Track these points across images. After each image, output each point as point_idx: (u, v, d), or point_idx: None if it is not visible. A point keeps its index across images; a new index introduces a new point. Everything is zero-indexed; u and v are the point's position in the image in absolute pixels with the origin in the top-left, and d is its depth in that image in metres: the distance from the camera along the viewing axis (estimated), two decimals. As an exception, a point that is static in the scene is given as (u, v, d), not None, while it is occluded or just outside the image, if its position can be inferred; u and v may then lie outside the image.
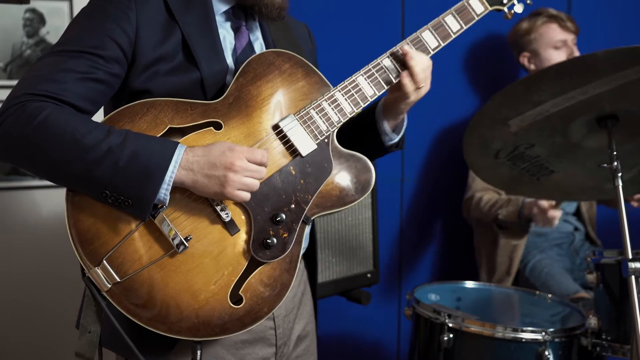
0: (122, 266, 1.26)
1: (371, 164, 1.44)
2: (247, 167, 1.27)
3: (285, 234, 1.35)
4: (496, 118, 1.82)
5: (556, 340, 1.90)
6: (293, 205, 1.36)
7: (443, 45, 1.51)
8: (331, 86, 1.43)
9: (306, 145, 1.38)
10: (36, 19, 2.43)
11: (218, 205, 1.30)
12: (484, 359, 1.96)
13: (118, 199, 1.23)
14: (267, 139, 1.36)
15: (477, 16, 1.55)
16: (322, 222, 2.31)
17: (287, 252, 1.35)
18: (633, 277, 1.69)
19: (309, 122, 1.39)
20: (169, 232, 1.27)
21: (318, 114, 1.40)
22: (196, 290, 1.28)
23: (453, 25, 1.52)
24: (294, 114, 1.39)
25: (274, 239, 1.33)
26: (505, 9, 1.62)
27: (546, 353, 1.86)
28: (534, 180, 2.02)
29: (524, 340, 1.89)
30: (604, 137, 1.80)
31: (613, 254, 1.92)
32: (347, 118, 1.42)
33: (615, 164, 1.75)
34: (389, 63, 1.46)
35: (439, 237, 3.08)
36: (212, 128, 1.33)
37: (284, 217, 1.34)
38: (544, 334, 1.87)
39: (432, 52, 1.51)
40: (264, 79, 1.38)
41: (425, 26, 1.51)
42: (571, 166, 1.97)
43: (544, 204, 2.37)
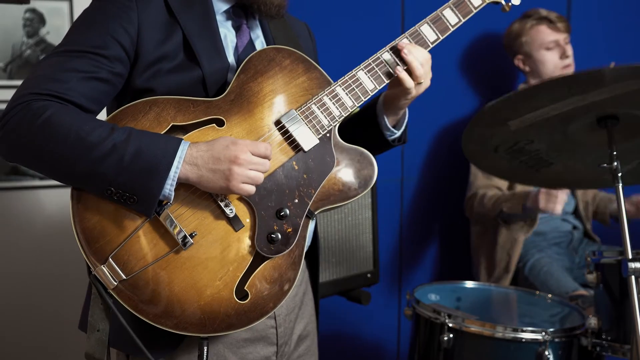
0: (128, 263, 1.26)
1: (373, 158, 1.45)
2: (251, 160, 1.27)
3: (289, 229, 1.35)
4: (496, 119, 1.82)
5: (556, 340, 1.90)
6: (297, 200, 1.36)
7: (442, 38, 1.52)
8: (332, 81, 1.44)
9: (308, 140, 1.38)
10: (36, 19, 2.43)
11: (222, 201, 1.31)
12: (483, 359, 1.96)
13: (123, 195, 1.24)
14: (269, 134, 1.37)
15: (475, 9, 1.55)
16: (322, 222, 2.31)
17: (291, 247, 1.35)
18: (633, 277, 1.69)
19: (310, 117, 1.40)
20: (174, 229, 1.27)
21: (319, 109, 1.41)
22: (202, 286, 1.29)
23: (451, 18, 1.53)
24: (296, 109, 1.40)
25: (278, 234, 1.34)
26: (503, 2, 1.61)
27: (546, 353, 1.86)
28: (533, 171, 2.03)
29: (523, 340, 1.89)
30: (603, 135, 1.80)
31: (613, 254, 1.92)
32: (349, 112, 1.43)
33: (615, 164, 1.75)
34: (388, 57, 1.47)
35: (439, 237, 3.08)
36: (214, 125, 1.34)
37: (287, 212, 1.35)
38: (544, 334, 1.87)
39: (431, 46, 1.51)
40: (265, 75, 1.39)
41: (423, 20, 1.51)
42: (570, 159, 1.97)
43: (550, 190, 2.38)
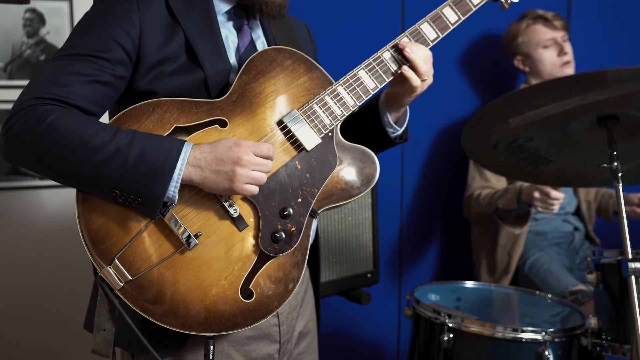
0: (134, 264, 1.27)
1: (375, 156, 1.45)
2: (255, 161, 1.28)
3: (293, 228, 1.36)
4: (496, 117, 1.82)
5: (556, 340, 1.90)
6: (300, 199, 1.37)
7: (442, 36, 1.52)
8: (333, 81, 1.45)
9: (311, 140, 1.39)
10: (36, 19, 2.43)
11: (226, 201, 1.32)
12: (483, 359, 1.96)
13: (128, 198, 1.24)
14: (271, 134, 1.37)
15: (475, 7, 1.56)
16: (322, 222, 2.31)
17: (295, 246, 1.36)
18: (633, 277, 1.69)
19: (312, 117, 1.40)
20: (179, 229, 1.28)
21: (321, 109, 1.41)
22: (207, 286, 1.30)
23: (451, 16, 1.53)
24: (298, 109, 1.40)
25: (282, 233, 1.35)
26: None
27: (546, 353, 1.86)
28: (532, 168, 2.03)
29: (524, 340, 1.89)
30: (603, 134, 1.80)
31: (613, 254, 1.92)
32: (350, 111, 1.44)
33: (616, 164, 1.75)
34: (389, 56, 1.48)
35: (439, 237, 3.08)
36: (217, 126, 1.34)
37: (291, 212, 1.36)
38: (544, 334, 1.87)
39: (431, 44, 1.52)
40: (266, 76, 1.40)
41: (423, 18, 1.52)
42: (570, 157, 1.97)
43: (545, 187, 2.37)
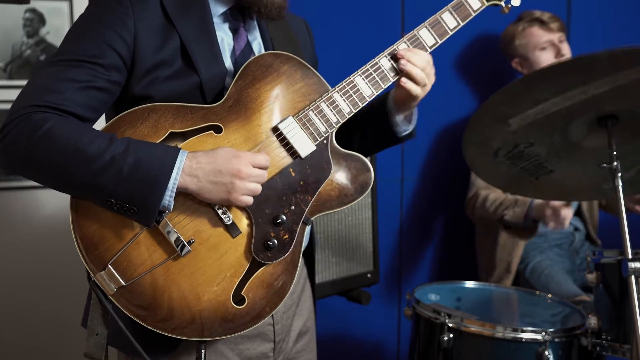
0: (127, 270, 1.28)
1: (369, 164, 1.45)
2: (252, 173, 1.29)
3: (285, 235, 1.36)
4: (496, 116, 1.82)
5: (556, 340, 1.90)
6: (293, 207, 1.37)
7: (440, 42, 1.51)
8: (329, 87, 1.44)
9: (305, 147, 1.39)
10: (36, 19, 2.43)
11: (220, 208, 1.32)
12: (483, 359, 1.96)
13: (123, 206, 1.25)
14: (266, 141, 1.37)
15: (474, 12, 1.55)
16: (322, 223, 2.31)
17: (288, 253, 1.36)
18: (633, 277, 1.69)
19: (307, 124, 1.40)
20: (172, 236, 1.29)
21: (317, 116, 1.41)
22: (199, 292, 1.30)
23: (450, 22, 1.52)
24: (293, 116, 1.39)
25: (275, 241, 1.34)
26: (502, 4, 1.61)
27: (546, 353, 1.86)
28: (532, 179, 2.02)
29: (524, 340, 1.89)
30: (603, 137, 1.80)
31: (613, 254, 1.92)
32: (346, 119, 1.43)
33: (615, 163, 1.75)
34: (386, 62, 1.47)
35: (439, 237, 3.08)
36: (212, 132, 1.34)
37: (284, 219, 1.36)
38: (544, 334, 1.87)
39: (430, 50, 1.51)
40: (262, 82, 1.39)
41: (422, 24, 1.51)
42: (570, 166, 1.97)
43: (556, 203, 2.37)
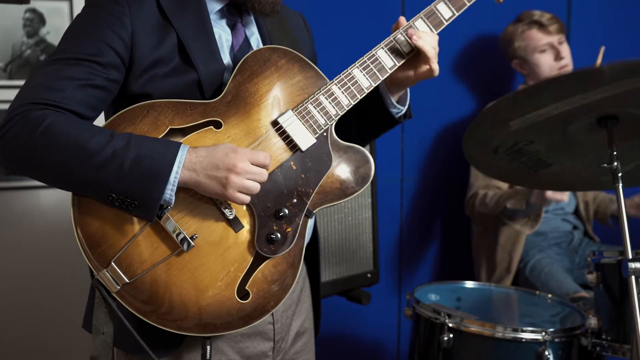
0: (130, 267, 1.27)
1: (369, 155, 1.45)
2: (249, 170, 1.28)
3: (288, 229, 1.36)
4: (497, 119, 1.82)
5: (556, 340, 1.90)
6: (295, 200, 1.37)
7: (436, 33, 1.52)
8: (327, 80, 1.45)
9: (305, 140, 1.39)
10: (36, 19, 2.43)
11: (222, 203, 1.32)
12: (483, 359, 1.96)
13: (124, 201, 1.25)
14: (266, 135, 1.37)
15: (469, 2, 1.56)
16: (322, 223, 2.31)
17: (291, 246, 1.36)
18: (633, 277, 1.69)
19: (307, 117, 1.40)
20: (175, 232, 1.29)
21: (316, 108, 1.41)
22: (203, 287, 1.30)
23: (445, 12, 1.53)
24: (292, 109, 1.40)
25: (278, 234, 1.35)
26: None
27: (546, 353, 1.86)
28: (531, 172, 2.03)
29: (524, 340, 1.89)
30: (603, 135, 1.80)
31: (613, 254, 1.92)
32: (345, 111, 1.44)
33: (616, 164, 1.75)
34: (383, 53, 1.47)
35: (438, 237, 3.08)
36: (212, 127, 1.34)
37: (286, 212, 1.36)
38: (544, 334, 1.87)
39: None
40: (260, 76, 1.39)
41: (417, 15, 1.52)
42: (569, 160, 1.97)
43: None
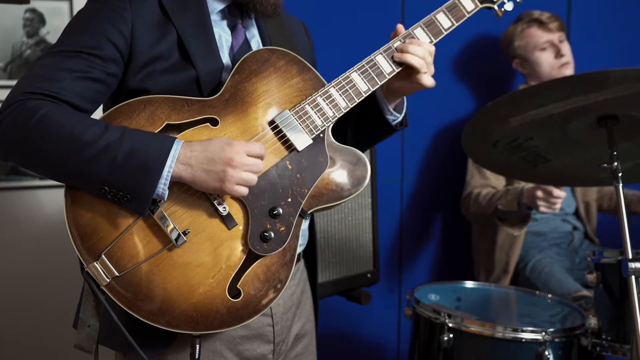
0: (121, 261, 1.27)
1: (366, 158, 1.45)
2: (246, 162, 1.28)
3: (282, 228, 1.36)
4: (497, 116, 1.83)
5: (556, 340, 1.90)
6: (290, 199, 1.37)
7: (435, 41, 1.53)
8: (325, 82, 1.45)
9: (302, 140, 1.39)
10: (36, 19, 2.43)
11: (215, 199, 1.31)
12: (483, 359, 1.96)
13: (117, 194, 1.24)
14: (263, 134, 1.37)
15: (468, 13, 1.57)
16: (322, 222, 2.31)
17: (284, 246, 1.36)
18: (633, 277, 1.69)
19: (304, 117, 1.40)
20: (167, 227, 1.28)
21: (313, 109, 1.41)
22: (194, 283, 1.29)
23: (444, 22, 1.54)
24: (290, 110, 1.40)
25: (272, 233, 1.34)
26: (496, 7, 1.62)
27: (546, 353, 1.86)
28: (530, 167, 2.03)
29: (524, 340, 1.89)
30: (602, 134, 1.80)
31: (613, 254, 1.92)
32: (342, 113, 1.44)
33: (616, 164, 1.75)
34: (381, 59, 1.48)
35: (438, 237, 3.08)
36: (208, 124, 1.34)
37: (281, 211, 1.35)
38: (544, 334, 1.87)
39: None
40: (259, 76, 1.40)
41: (417, 23, 1.52)
42: (568, 157, 1.97)
43: (547, 187, 2.36)
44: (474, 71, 3.03)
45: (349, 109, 1.44)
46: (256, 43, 1.51)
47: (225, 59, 1.43)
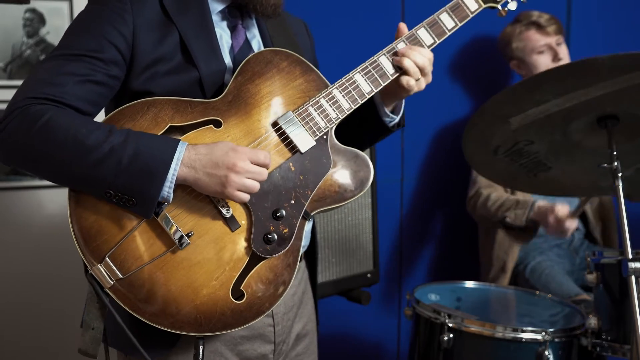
0: (125, 263, 1.27)
1: (369, 160, 1.45)
2: (249, 169, 1.28)
3: (285, 230, 1.36)
4: (497, 115, 1.82)
5: (556, 340, 1.90)
6: (293, 201, 1.37)
7: (438, 42, 1.53)
8: (329, 83, 1.44)
9: (305, 142, 1.39)
10: (36, 19, 2.43)
11: (219, 202, 1.31)
12: (483, 359, 1.96)
13: (122, 198, 1.24)
14: (266, 136, 1.37)
15: (472, 13, 1.56)
16: (322, 222, 2.31)
17: (287, 247, 1.36)
18: (633, 277, 1.69)
19: (307, 119, 1.40)
20: (171, 229, 1.28)
21: (316, 111, 1.41)
22: (198, 286, 1.29)
23: (448, 22, 1.53)
24: (293, 111, 1.40)
25: (275, 235, 1.34)
26: (499, 7, 1.62)
27: (546, 353, 1.86)
28: (530, 175, 2.03)
29: (524, 340, 1.89)
30: (603, 137, 1.80)
31: (613, 254, 1.92)
32: (345, 115, 1.43)
33: (616, 164, 1.75)
34: (385, 60, 1.48)
35: (439, 237, 3.08)
36: (211, 126, 1.34)
37: (284, 213, 1.35)
38: (544, 334, 1.87)
39: (428, 50, 1.52)
40: (262, 77, 1.39)
41: (420, 24, 1.52)
42: (569, 164, 1.97)
43: (560, 213, 2.36)
44: (474, 71, 3.02)
45: (352, 110, 1.44)
46: (257, 43, 1.51)
47: (227, 60, 1.43)
